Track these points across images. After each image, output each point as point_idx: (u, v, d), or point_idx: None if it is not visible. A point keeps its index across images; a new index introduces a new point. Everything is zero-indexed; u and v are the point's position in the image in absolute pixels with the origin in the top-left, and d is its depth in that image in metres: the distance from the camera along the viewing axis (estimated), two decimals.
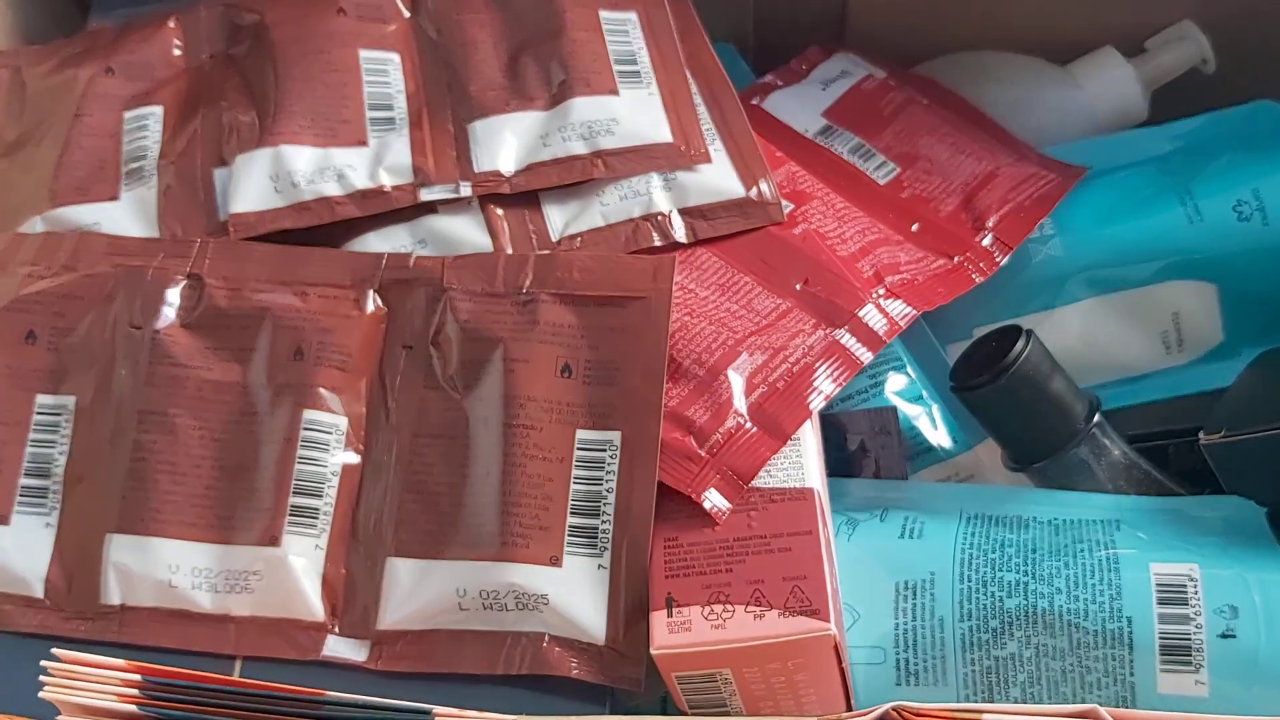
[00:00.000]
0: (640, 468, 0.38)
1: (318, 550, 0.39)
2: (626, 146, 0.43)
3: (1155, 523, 0.41)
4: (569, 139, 0.43)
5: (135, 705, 0.31)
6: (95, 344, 0.41)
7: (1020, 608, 0.38)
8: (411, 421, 0.40)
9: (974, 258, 0.46)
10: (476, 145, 0.43)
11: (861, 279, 0.44)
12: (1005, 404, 0.43)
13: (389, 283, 0.41)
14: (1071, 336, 0.49)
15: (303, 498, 0.39)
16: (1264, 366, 0.46)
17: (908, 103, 0.53)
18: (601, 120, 0.43)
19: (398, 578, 0.39)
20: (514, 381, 0.39)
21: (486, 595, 0.38)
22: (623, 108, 0.44)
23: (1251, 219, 0.48)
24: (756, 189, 0.44)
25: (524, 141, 0.43)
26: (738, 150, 0.45)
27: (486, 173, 0.43)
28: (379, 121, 0.44)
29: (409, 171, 0.42)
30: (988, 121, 0.53)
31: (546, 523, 0.38)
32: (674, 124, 0.44)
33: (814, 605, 0.35)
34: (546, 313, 0.40)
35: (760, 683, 0.36)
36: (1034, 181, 0.49)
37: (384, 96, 0.44)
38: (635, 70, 0.45)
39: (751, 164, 0.44)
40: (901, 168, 0.50)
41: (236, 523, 0.39)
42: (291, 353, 0.40)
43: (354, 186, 0.42)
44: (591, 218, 0.43)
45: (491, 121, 0.43)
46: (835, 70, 0.54)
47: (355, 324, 0.41)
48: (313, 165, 0.42)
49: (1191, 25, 0.56)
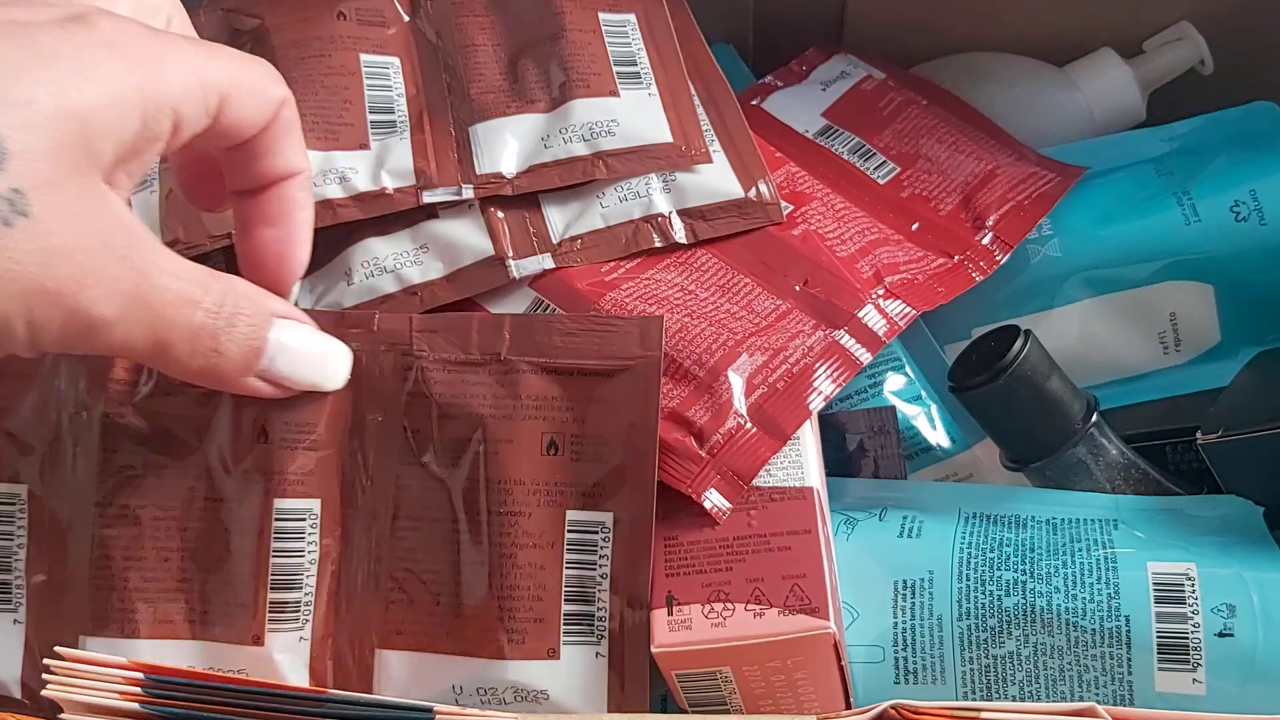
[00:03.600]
0: (635, 547, 0.37)
1: (302, 642, 0.37)
2: (627, 147, 0.43)
3: (1153, 522, 0.41)
4: (570, 140, 0.43)
5: (138, 703, 0.31)
6: (41, 426, 0.38)
7: (1018, 606, 0.38)
8: (389, 501, 0.38)
9: (974, 256, 0.46)
10: (478, 148, 0.43)
11: (861, 279, 0.44)
12: (1003, 404, 0.43)
13: (352, 348, 0.38)
14: (1070, 337, 0.49)
15: (282, 592, 0.37)
16: (1261, 366, 0.47)
17: (907, 103, 0.53)
18: (602, 121, 0.43)
19: (389, 671, 0.37)
20: (497, 465, 0.37)
21: (484, 692, 0.37)
22: (623, 109, 0.44)
23: (1249, 219, 0.48)
24: (755, 189, 0.44)
25: (525, 143, 0.43)
26: (736, 151, 0.45)
27: (488, 175, 0.43)
28: (380, 125, 0.44)
29: (411, 174, 0.43)
30: (986, 122, 0.53)
31: (541, 614, 0.37)
32: (674, 124, 0.44)
33: (813, 604, 0.36)
34: (528, 385, 0.38)
35: (760, 681, 0.36)
36: (1033, 181, 0.49)
37: (385, 100, 0.44)
38: (635, 71, 0.45)
39: (750, 165, 0.44)
40: (901, 167, 0.50)
41: (214, 618, 0.37)
42: (254, 434, 0.38)
43: (356, 189, 0.42)
44: (592, 219, 0.43)
45: (492, 124, 0.43)
46: (835, 71, 0.55)
47: (319, 396, 0.38)
48: (315, 168, 0.42)
49: (1189, 27, 0.56)
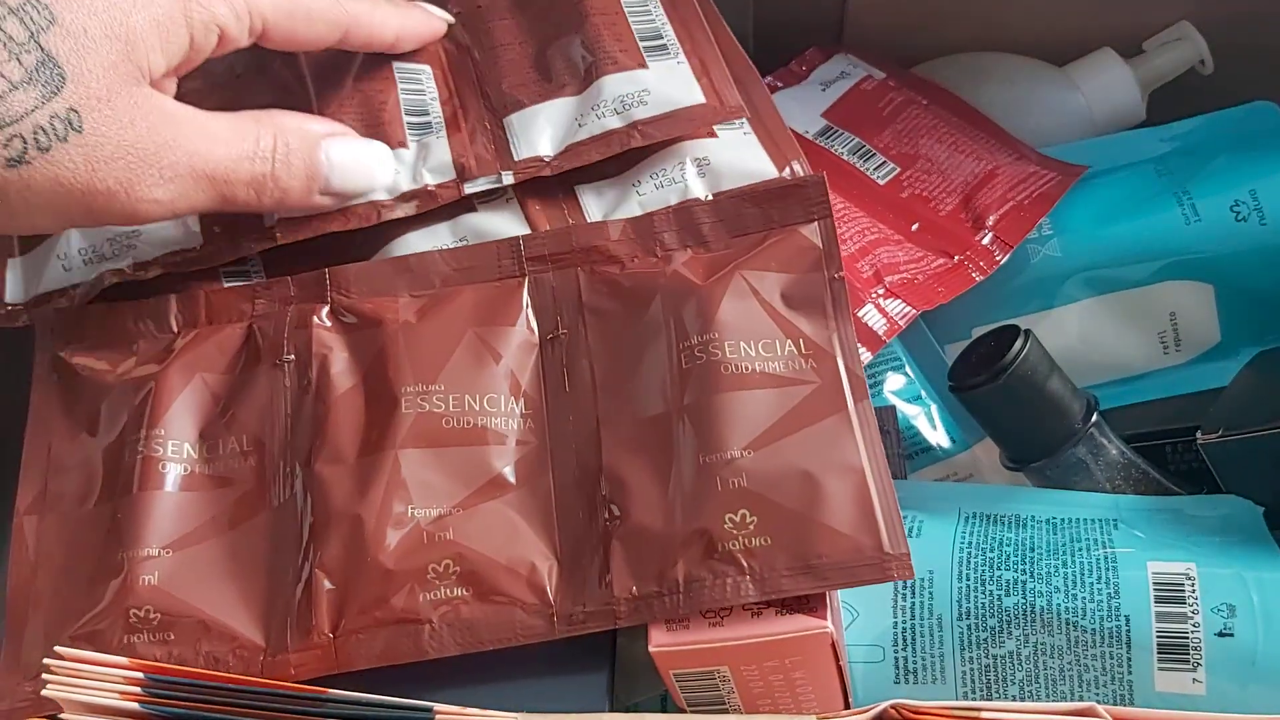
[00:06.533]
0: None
1: None
2: (661, 113, 0.42)
3: (1153, 522, 0.41)
4: (603, 115, 0.42)
5: (138, 703, 0.31)
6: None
7: (1018, 606, 0.38)
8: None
9: (974, 256, 0.46)
10: (514, 136, 0.43)
11: (861, 279, 0.44)
12: (1003, 403, 0.43)
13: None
14: (1070, 336, 0.49)
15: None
16: (1261, 366, 0.47)
17: (907, 103, 0.53)
18: (633, 93, 0.43)
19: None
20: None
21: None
22: (652, 78, 0.43)
23: (1249, 219, 0.48)
24: (790, 169, 0.44)
25: (559, 126, 0.43)
26: (767, 132, 0.44)
27: (527, 159, 0.42)
28: (416, 127, 0.44)
29: (451, 169, 0.42)
30: (987, 122, 0.53)
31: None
32: (706, 87, 0.44)
33: (811, 603, 0.36)
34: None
35: (758, 680, 0.36)
36: (1034, 180, 0.49)
37: (419, 104, 0.44)
38: (661, 44, 0.45)
39: (782, 145, 0.44)
40: (901, 168, 0.50)
41: None
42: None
43: (399, 188, 0.42)
44: (629, 207, 0.42)
45: (526, 113, 0.43)
46: (835, 71, 0.54)
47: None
48: None
49: (1189, 26, 0.56)
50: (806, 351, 0.38)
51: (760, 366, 0.37)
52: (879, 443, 0.36)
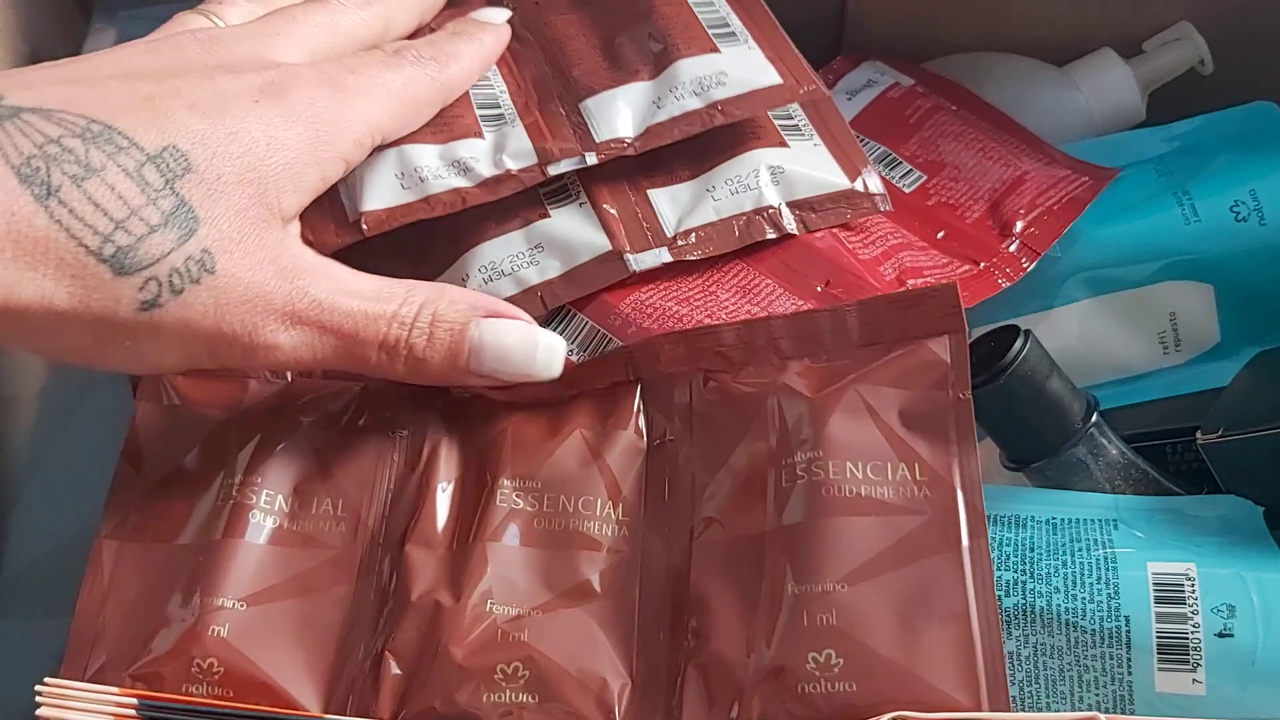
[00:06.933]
0: None
1: None
2: (740, 93, 0.42)
3: (1153, 522, 0.41)
4: (682, 97, 0.42)
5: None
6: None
7: (1018, 606, 0.38)
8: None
9: (1000, 263, 0.46)
10: (592, 120, 0.43)
11: (884, 281, 0.43)
12: (1003, 404, 0.43)
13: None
14: (1069, 336, 0.49)
15: None
16: (1261, 366, 0.47)
17: (935, 109, 0.52)
18: (710, 74, 0.43)
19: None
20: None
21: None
22: (727, 61, 0.43)
23: (1249, 219, 0.48)
24: (861, 180, 0.43)
25: (638, 109, 0.43)
26: (836, 142, 0.44)
27: (609, 140, 0.42)
28: (490, 118, 0.43)
29: (531, 153, 0.42)
30: (1016, 126, 0.52)
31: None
32: (780, 69, 0.44)
33: None
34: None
35: None
36: (1064, 184, 0.49)
37: (490, 98, 0.44)
38: (730, 32, 0.45)
39: (851, 154, 0.44)
40: (928, 175, 0.50)
41: None
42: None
43: (481, 175, 0.42)
44: (705, 213, 0.42)
45: (602, 97, 0.43)
46: (861, 80, 0.55)
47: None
48: (437, 160, 0.42)
49: (1189, 26, 0.56)
50: (922, 478, 0.34)
51: (867, 491, 0.34)
52: (992, 588, 0.33)
